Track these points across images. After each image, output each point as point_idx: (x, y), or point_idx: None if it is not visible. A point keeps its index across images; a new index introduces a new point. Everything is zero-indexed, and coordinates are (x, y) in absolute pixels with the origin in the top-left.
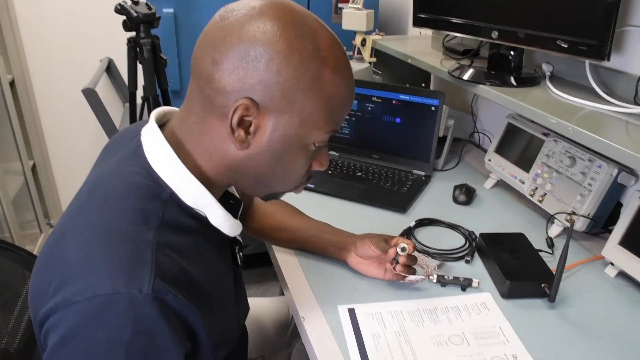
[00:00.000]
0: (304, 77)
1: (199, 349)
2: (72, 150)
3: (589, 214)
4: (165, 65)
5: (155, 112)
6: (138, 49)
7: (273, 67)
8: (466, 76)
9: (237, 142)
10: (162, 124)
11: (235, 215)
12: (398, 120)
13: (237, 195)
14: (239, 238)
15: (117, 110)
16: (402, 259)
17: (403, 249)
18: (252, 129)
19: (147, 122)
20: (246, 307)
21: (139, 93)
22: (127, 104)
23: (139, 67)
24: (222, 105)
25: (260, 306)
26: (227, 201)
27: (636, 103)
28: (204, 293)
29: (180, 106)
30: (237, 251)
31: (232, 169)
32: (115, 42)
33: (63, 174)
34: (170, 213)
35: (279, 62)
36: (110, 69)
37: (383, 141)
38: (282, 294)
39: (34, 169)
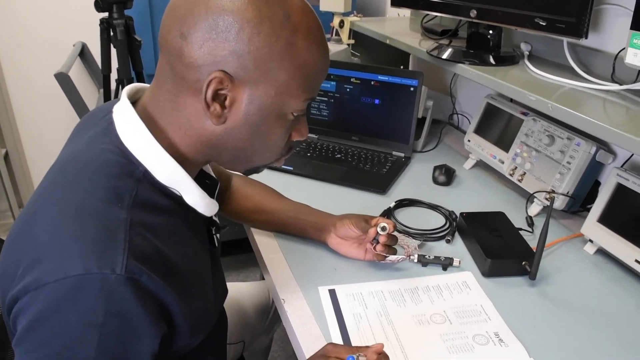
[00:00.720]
0: (276, 45)
1: (176, 331)
2: (46, 137)
3: (568, 192)
4: (140, 47)
5: (127, 89)
6: (111, 31)
7: (244, 36)
8: (445, 55)
9: (213, 117)
10: (134, 101)
11: (211, 195)
12: (377, 101)
13: (213, 175)
14: (215, 219)
15: (92, 97)
16: (382, 239)
17: (383, 229)
18: (227, 102)
19: (119, 99)
20: (224, 290)
21: (113, 76)
22: (102, 90)
23: (113, 49)
24: (194, 80)
25: (240, 291)
26: (203, 181)
27: (613, 81)
28: (180, 274)
29: (151, 82)
30: (213, 232)
31: (210, 145)
32: (89, 27)
33: (37, 162)
34: (144, 191)
35: (250, 30)
36: (84, 53)
37: (362, 123)
38: (263, 279)
39: (6, 157)
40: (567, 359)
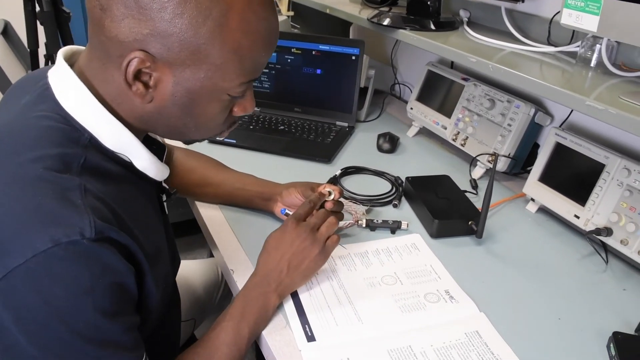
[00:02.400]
0: (203, 26)
1: (146, 292)
2: None
3: (509, 154)
4: (69, 20)
5: (62, 51)
6: (36, 3)
7: (165, 16)
8: (386, 22)
9: (136, 97)
10: (70, 65)
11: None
12: (319, 71)
13: (160, 140)
14: (165, 185)
15: (19, 77)
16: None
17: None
18: (151, 82)
19: (53, 65)
20: (178, 259)
21: (41, 52)
22: (31, 70)
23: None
24: (117, 56)
25: (188, 268)
26: (150, 147)
27: (549, 43)
28: (139, 240)
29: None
30: (163, 199)
31: (142, 120)
32: (10, 4)
33: None
34: (92, 158)
35: (172, 10)
36: (7, 32)
37: (304, 94)
38: (212, 256)
39: None
40: (515, 310)
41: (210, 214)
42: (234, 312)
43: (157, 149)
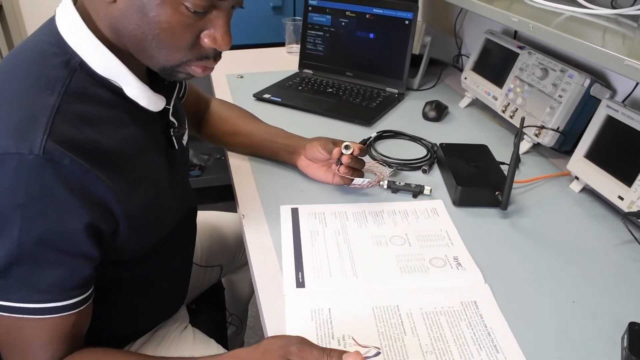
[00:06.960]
0: None
1: (115, 221)
2: None
3: (558, 128)
4: None
5: None
6: None
7: None
8: None
9: None
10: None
11: (168, 97)
12: (372, 35)
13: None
14: (173, 120)
15: None
16: (345, 159)
17: (347, 147)
18: None
19: None
20: (188, 196)
21: None
22: None
23: None
24: None
25: (223, 219)
26: (162, 82)
27: (612, 7)
28: (116, 165)
29: None
30: (172, 133)
31: (115, 31)
32: None
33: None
34: (79, 81)
35: None
36: None
37: (357, 58)
38: None
39: (0, 10)
40: (525, 287)
41: (237, 163)
42: None
43: (168, 86)
